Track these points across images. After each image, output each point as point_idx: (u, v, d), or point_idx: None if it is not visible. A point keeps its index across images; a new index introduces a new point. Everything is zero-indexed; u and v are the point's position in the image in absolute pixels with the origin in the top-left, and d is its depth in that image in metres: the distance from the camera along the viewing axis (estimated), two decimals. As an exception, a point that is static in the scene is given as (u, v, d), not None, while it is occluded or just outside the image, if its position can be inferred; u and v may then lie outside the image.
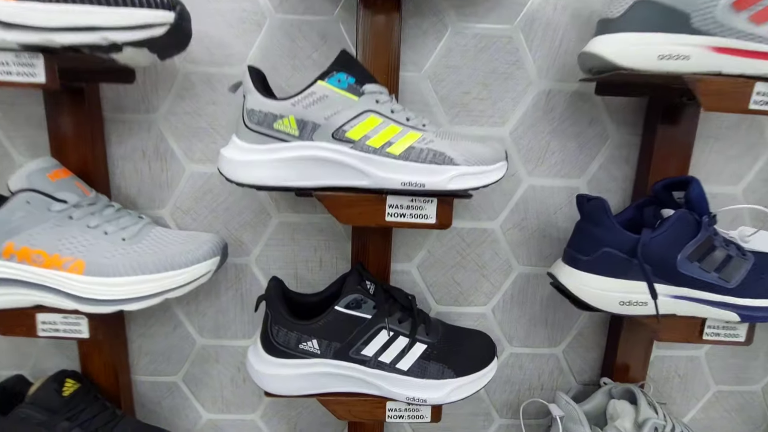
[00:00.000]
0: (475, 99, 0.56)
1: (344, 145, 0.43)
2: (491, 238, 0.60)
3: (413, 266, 0.61)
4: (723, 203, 0.61)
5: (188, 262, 0.48)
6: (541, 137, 0.58)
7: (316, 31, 0.54)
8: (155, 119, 0.55)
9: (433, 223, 0.45)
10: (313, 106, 0.42)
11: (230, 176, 0.44)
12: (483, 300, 0.62)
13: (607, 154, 0.58)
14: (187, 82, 0.54)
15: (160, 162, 0.56)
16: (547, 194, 0.59)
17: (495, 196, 0.59)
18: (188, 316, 0.61)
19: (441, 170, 0.42)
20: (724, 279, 0.48)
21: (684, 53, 0.43)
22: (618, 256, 0.48)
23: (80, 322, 0.49)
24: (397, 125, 0.44)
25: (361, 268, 0.52)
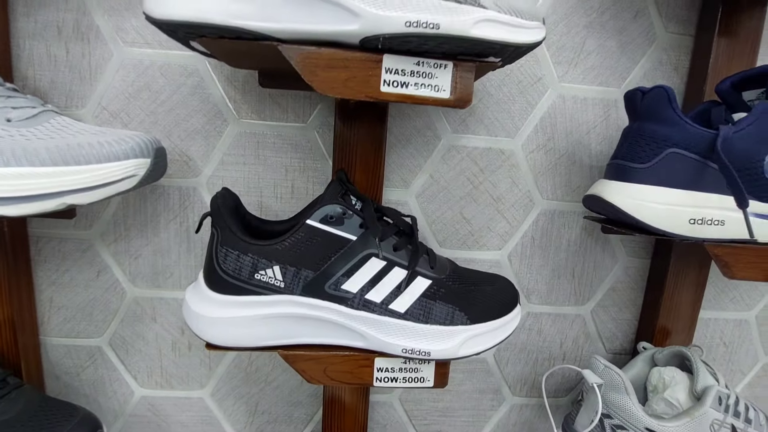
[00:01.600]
0: (494, -22, 0.44)
1: None
2: (510, 161, 0.48)
3: (411, 195, 0.48)
4: (787, 128, 0.50)
5: (101, 157, 0.34)
6: (575, 33, 0.46)
7: None
8: (73, -16, 0.42)
9: (447, 98, 0.32)
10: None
11: (154, 12, 0.30)
12: (497, 243, 0.50)
13: (653, 58, 0.47)
14: (118, -66, 0.41)
15: (81, 43, 0.42)
16: (579, 107, 0.47)
17: (516, 106, 0.47)
18: (116, 256, 0.47)
19: (463, 10, 0.30)
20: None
21: None
22: (689, 159, 0.36)
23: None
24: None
25: (343, 175, 0.39)
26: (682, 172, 0.36)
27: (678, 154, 0.36)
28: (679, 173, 0.36)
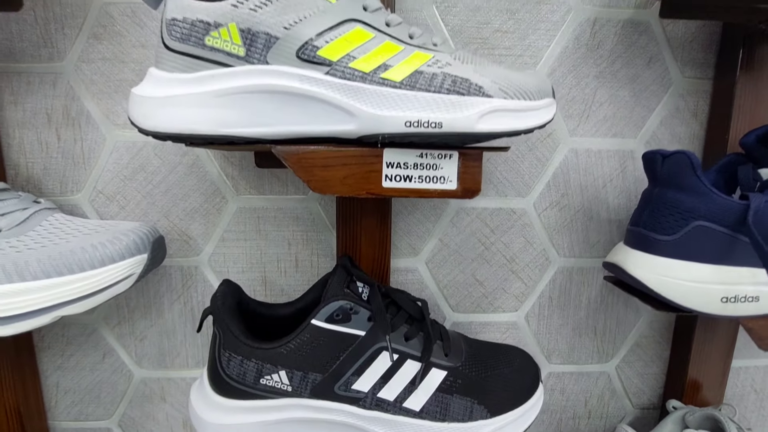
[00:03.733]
0: (497, 32, 0.42)
1: (315, 70, 0.28)
2: (522, 221, 0.45)
3: (420, 262, 0.46)
4: (818, 167, 0.47)
5: (95, 262, 0.33)
6: (585, 83, 0.43)
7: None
8: (63, 69, 0.40)
9: (454, 189, 0.30)
10: (267, 7, 0.27)
11: (143, 124, 0.29)
12: (513, 304, 0.47)
13: (670, 106, 0.44)
14: (105, 16, 0.40)
15: (72, 129, 0.41)
16: (593, 161, 0.45)
17: (525, 164, 0.44)
18: (121, 339, 0.45)
19: (466, 103, 0.28)
20: None
21: None
22: (718, 233, 0.33)
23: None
24: (397, 42, 0.29)
25: (349, 262, 0.37)
26: (710, 246, 0.33)
27: (706, 228, 0.33)
28: (707, 247, 0.33)
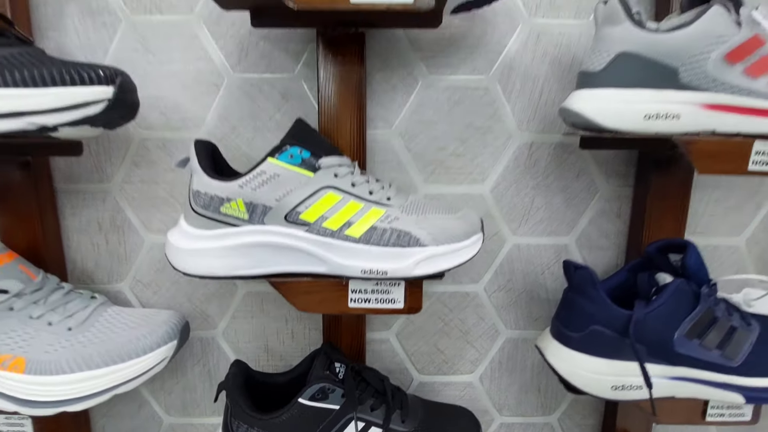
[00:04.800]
0: (451, 155, 0.52)
1: (299, 229, 0.39)
2: (475, 302, 0.56)
3: (392, 334, 0.56)
4: (725, 256, 0.56)
5: (139, 351, 0.44)
6: (525, 193, 0.53)
7: (278, 90, 0.50)
8: (110, 189, 0.52)
9: (401, 308, 0.41)
10: (263, 187, 0.38)
11: (178, 266, 0.40)
12: (469, 368, 0.58)
13: (596, 209, 0.54)
14: (143, 148, 0.51)
15: (117, 234, 0.53)
16: (533, 253, 0.55)
17: (477, 257, 0.55)
18: (153, 393, 0.57)
19: (406, 254, 0.38)
20: (727, 357, 0.43)
21: (673, 112, 0.39)
22: (608, 336, 0.43)
23: (24, 422, 0.45)
24: (359, 201, 0.40)
25: (329, 348, 0.47)
26: (604, 345, 0.43)
27: (600, 331, 0.43)
28: (602, 346, 0.43)
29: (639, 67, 0.39)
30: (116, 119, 0.43)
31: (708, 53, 0.38)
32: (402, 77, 0.50)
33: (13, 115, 0.37)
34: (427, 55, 0.50)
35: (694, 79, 0.39)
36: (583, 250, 0.55)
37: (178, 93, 0.50)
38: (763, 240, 0.56)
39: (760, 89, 0.38)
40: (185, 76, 0.50)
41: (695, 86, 0.39)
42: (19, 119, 0.37)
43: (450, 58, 0.50)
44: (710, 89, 0.39)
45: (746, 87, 0.38)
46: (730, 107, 0.39)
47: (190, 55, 0.49)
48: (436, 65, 0.50)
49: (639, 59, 0.39)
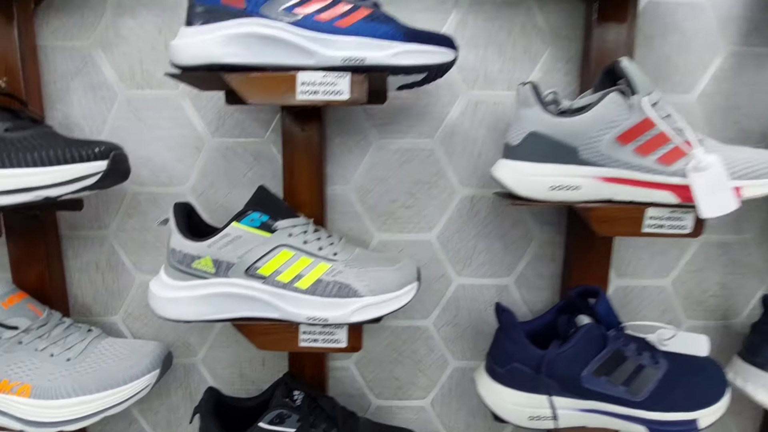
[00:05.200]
0: (401, 207, 0.59)
1: (256, 281, 0.46)
2: (425, 335, 0.62)
3: (352, 363, 0.63)
4: (652, 296, 0.62)
5: (127, 379, 0.52)
6: (467, 240, 0.60)
7: (250, 153, 0.58)
8: (107, 235, 0.60)
9: (344, 347, 0.48)
10: (227, 247, 0.46)
11: (157, 311, 0.48)
12: (421, 394, 0.64)
13: (532, 253, 0.61)
14: (135, 201, 0.59)
15: (112, 273, 0.61)
16: (477, 292, 0.62)
17: (426, 295, 0.61)
18: (142, 413, 0.65)
19: (344, 303, 0.46)
20: (632, 392, 0.49)
21: (574, 184, 0.46)
22: (526, 372, 0.49)
23: (28, 438, 0.53)
24: (308, 257, 0.47)
25: (289, 377, 0.55)
26: (522, 380, 0.50)
27: (518, 368, 0.50)
28: (520, 380, 0.50)
29: (546, 145, 0.46)
30: (110, 184, 0.51)
31: (602, 135, 0.45)
32: (357, 141, 0.58)
33: (25, 191, 0.45)
34: (378, 123, 0.57)
35: (592, 156, 0.45)
36: (522, 289, 0.62)
37: (165, 155, 0.58)
38: (690, 280, 0.62)
39: (650, 165, 0.45)
40: (171, 141, 0.58)
41: (593, 162, 0.46)
42: (29, 193, 0.45)
43: (399, 124, 0.58)
44: (606, 165, 0.46)
45: (637, 164, 0.45)
46: (623, 180, 0.46)
47: (176, 123, 0.57)
48: (387, 131, 0.58)
49: (546, 138, 0.46)
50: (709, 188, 0.42)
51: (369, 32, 0.43)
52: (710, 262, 0.61)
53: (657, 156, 0.45)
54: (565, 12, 0.55)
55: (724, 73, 0.57)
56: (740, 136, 0.58)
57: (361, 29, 0.43)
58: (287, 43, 0.43)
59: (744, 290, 0.62)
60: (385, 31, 0.43)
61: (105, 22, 0.56)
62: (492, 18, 0.56)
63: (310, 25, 0.43)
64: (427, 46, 0.44)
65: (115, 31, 0.56)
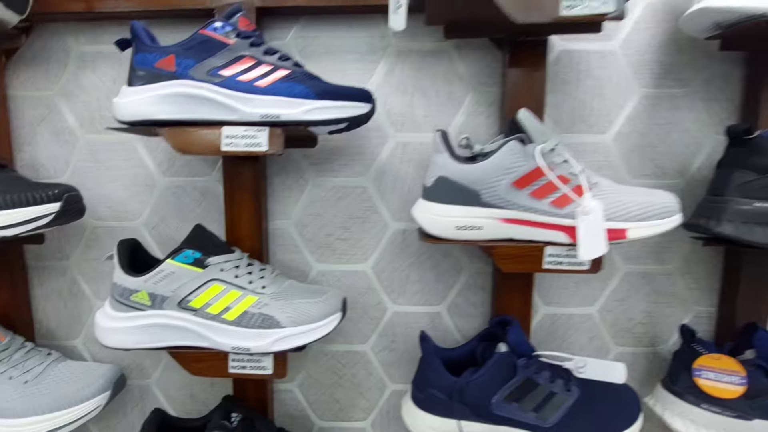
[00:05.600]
0: (337, 240, 0.64)
1: (188, 313, 0.51)
2: (364, 359, 0.66)
3: (295, 386, 0.67)
4: (579, 324, 0.65)
5: (78, 401, 0.57)
6: (401, 270, 0.64)
7: (198, 190, 0.63)
8: (69, 265, 0.65)
9: (270, 374, 0.52)
10: (162, 281, 0.51)
11: (100, 339, 0.52)
12: (362, 415, 0.68)
13: (463, 282, 0.64)
14: (94, 234, 0.65)
15: (73, 300, 0.66)
16: (411, 319, 0.65)
17: (364, 322, 0.65)
18: (101, 430, 0.69)
19: (267, 334, 0.50)
20: (541, 418, 0.52)
21: (477, 224, 0.50)
22: (439, 398, 0.53)
23: (-14, 455, 0.57)
24: (237, 290, 0.52)
25: (228, 401, 0.59)
26: (437, 405, 0.53)
27: (434, 394, 0.53)
28: (436, 405, 0.53)
29: (452, 188, 0.50)
30: (65, 222, 0.56)
31: (500, 181, 0.49)
32: (296, 180, 0.63)
33: (-18, 230, 0.50)
34: (315, 162, 0.62)
35: (492, 199, 0.49)
36: (454, 317, 0.65)
37: (122, 192, 0.63)
38: (615, 309, 0.65)
39: (544, 208, 0.49)
40: (127, 180, 0.63)
41: (494, 204, 0.50)
42: (-13, 233, 0.51)
43: (334, 164, 0.62)
44: (505, 207, 0.49)
45: (533, 206, 0.49)
46: (522, 221, 0.50)
47: (130, 163, 0.63)
48: (323, 170, 0.62)
49: (452, 183, 0.50)
50: (589, 232, 0.46)
51: (285, 92, 0.48)
52: (634, 292, 0.64)
53: (550, 200, 0.48)
54: (484, 60, 0.60)
55: (639, 114, 0.61)
56: (657, 173, 0.62)
57: (278, 89, 0.48)
58: (212, 102, 0.48)
59: (671, 318, 0.65)
60: (299, 90, 0.48)
61: (68, 75, 0.62)
62: (417, 67, 0.60)
63: (233, 85, 0.48)
64: (339, 102, 0.49)
65: (77, 82, 0.62)
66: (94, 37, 0.61)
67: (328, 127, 0.52)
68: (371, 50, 0.60)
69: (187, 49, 0.49)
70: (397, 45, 0.60)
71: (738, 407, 0.55)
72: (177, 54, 0.48)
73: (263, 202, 0.61)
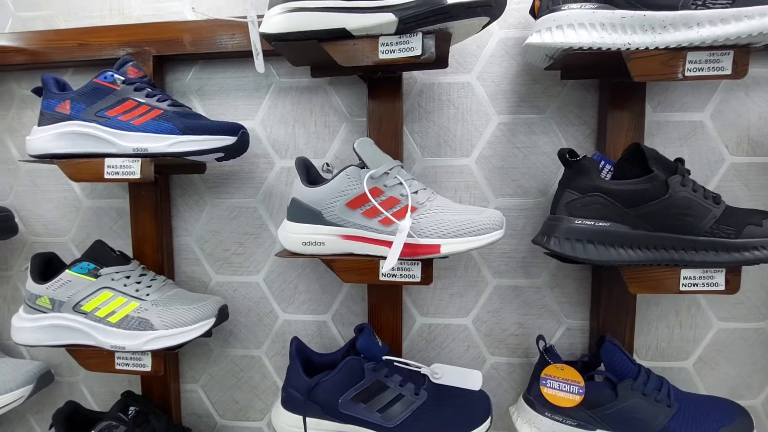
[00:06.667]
0: (233, 254, 0.72)
1: (80, 316, 0.60)
2: (259, 363, 0.73)
3: (199, 387, 0.74)
4: (455, 333, 0.70)
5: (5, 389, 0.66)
6: (290, 281, 0.71)
7: (115, 210, 0.73)
8: (11, 275, 0.76)
9: (149, 371, 0.60)
10: (60, 289, 0.60)
11: (14, 338, 0.62)
12: (259, 416, 0.74)
13: (345, 293, 0.70)
14: (32, 248, 0.75)
15: (15, 304, 0.77)
16: (300, 326, 0.72)
17: (259, 329, 0.72)
18: (37, 421, 0.78)
19: (140, 335, 0.58)
20: (386, 419, 0.57)
21: (320, 240, 0.57)
22: (296, 396, 0.59)
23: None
24: (124, 297, 0.60)
25: (128, 396, 0.66)
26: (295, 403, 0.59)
27: (291, 393, 0.59)
28: (293, 403, 0.59)
29: (300, 208, 0.57)
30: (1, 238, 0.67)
31: (336, 202, 0.56)
32: (196, 201, 0.71)
33: None
34: (212, 186, 0.71)
35: (333, 218, 0.56)
36: (338, 325, 0.71)
37: (54, 212, 0.74)
38: (489, 320, 0.69)
39: (375, 226, 0.55)
40: (58, 202, 0.74)
41: (334, 223, 0.56)
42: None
43: (228, 187, 0.71)
44: (343, 225, 0.56)
45: (365, 224, 0.55)
46: (357, 237, 0.56)
47: (61, 188, 0.74)
48: (219, 192, 0.71)
49: (300, 203, 0.57)
50: (395, 248, 0.51)
51: (153, 129, 0.57)
52: (506, 304, 0.68)
53: (379, 219, 0.54)
54: (355, 94, 0.67)
55: (498, 138, 0.66)
56: (519, 193, 0.67)
57: (148, 127, 0.57)
58: (97, 138, 0.58)
59: (542, 330, 0.69)
60: (166, 127, 0.57)
61: (11, 114, 0.74)
62: (296, 101, 0.68)
63: (114, 124, 0.58)
64: (201, 136, 0.57)
65: (19, 120, 0.73)
66: (32, 82, 0.73)
67: (205, 158, 0.61)
68: (257, 88, 0.69)
69: (80, 95, 0.59)
70: (279, 83, 0.68)
71: (578, 416, 0.58)
72: (72, 99, 0.59)
73: (165, 220, 0.70)
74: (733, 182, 0.65)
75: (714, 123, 0.64)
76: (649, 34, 0.50)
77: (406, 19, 0.49)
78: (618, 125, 0.61)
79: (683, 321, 0.67)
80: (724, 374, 0.68)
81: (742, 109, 0.64)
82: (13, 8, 0.73)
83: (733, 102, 0.64)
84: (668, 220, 0.52)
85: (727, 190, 0.65)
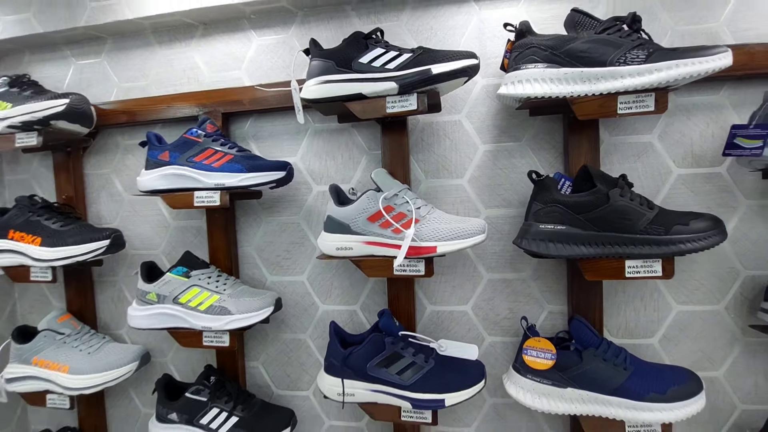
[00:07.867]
0: (283, 259, 0.93)
1: (178, 306, 0.82)
2: (305, 344, 0.93)
3: (260, 363, 0.95)
4: (458, 318, 0.87)
5: (118, 365, 0.89)
6: (327, 278, 0.91)
7: (195, 228, 0.96)
8: (117, 280, 1.00)
9: (227, 346, 0.81)
10: (164, 286, 0.82)
11: (130, 323, 0.85)
12: (306, 386, 0.94)
13: (370, 288, 0.90)
14: (133, 259, 0.99)
15: (119, 303, 1.00)
16: (336, 315, 0.91)
17: (304, 317, 0.92)
18: (135, 392, 1.01)
19: (221, 319, 0.79)
20: (402, 379, 0.75)
21: (349, 246, 0.76)
22: (335, 364, 0.78)
23: (66, 399, 0.91)
24: (208, 291, 0.82)
25: (209, 368, 0.88)
26: (335, 369, 0.78)
27: (332, 361, 0.78)
28: (334, 369, 0.78)
29: (334, 222, 0.78)
30: (113, 252, 0.91)
31: (360, 217, 0.75)
32: (255, 219, 0.93)
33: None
34: (266, 207, 0.92)
35: (358, 229, 0.76)
36: (365, 312, 0.90)
37: (149, 231, 0.98)
38: (485, 307, 0.86)
39: (389, 234, 0.74)
40: (152, 224, 0.97)
41: (359, 233, 0.76)
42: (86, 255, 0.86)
43: (278, 207, 0.92)
44: (366, 234, 0.75)
45: (382, 233, 0.75)
46: (377, 243, 0.75)
47: (153, 212, 0.97)
48: (271, 212, 0.92)
49: (333, 219, 0.78)
50: (403, 249, 0.70)
51: (228, 169, 0.79)
52: (498, 293, 0.86)
53: (391, 229, 0.74)
54: (371, 134, 0.87)
55: (485, 163, 0.84)
56: (504, 204, 0.84)
57: (224, 167, 0.79)
58: (188, 177, 0.80)
59: (529, 314, 0.85)
60: (237, 167, 0.79)
61: (117, 159, 0.98)
62: (328, 141, 0.89)
63: (200, 167, 0.80)
64: (262, 173, 0.79)
65: (123, 163, 0.98)
66: (132, 135, 0.97)
67: (263, 187, 0.82)
68: (297, 132, 0.90)
69: (175, 146, 0.82)
70: (314, 127, 0.90)
71: (552, 377, 0.74)
72: (170, 150, 0.82)
73: (232, 235, 0.92)
74: (681, 190, 0.80)
75: (661, 143, 0.80)
76: (587, 84, 0.68)
77: (405, 85, 0.69)
78: (577, 149, 0.78)
79: (647, 305, 0.82)
80: (687, 350, 0.82)
81: (685, 129, 0.79)
82: (117, 80, 0.99)
83: (676, 124, 0.80)
84: (610, 223, 0.69)
85: (677, 197, 0.80)
